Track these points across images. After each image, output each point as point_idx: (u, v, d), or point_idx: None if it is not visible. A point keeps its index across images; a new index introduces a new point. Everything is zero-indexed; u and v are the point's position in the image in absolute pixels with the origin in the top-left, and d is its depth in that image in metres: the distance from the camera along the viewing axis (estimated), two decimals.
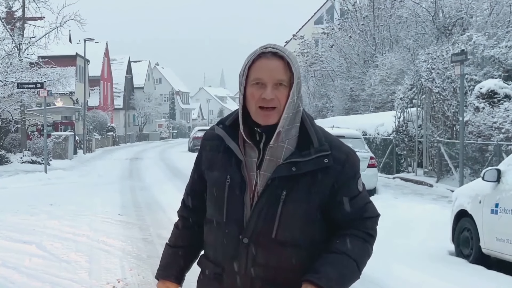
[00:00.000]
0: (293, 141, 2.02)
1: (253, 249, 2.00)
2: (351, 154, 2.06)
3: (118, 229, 10.02)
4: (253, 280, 2.02)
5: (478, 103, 15.91)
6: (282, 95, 1.98)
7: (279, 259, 2.00)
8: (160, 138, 70.28)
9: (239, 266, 2.02)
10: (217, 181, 2.07)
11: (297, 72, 2.01)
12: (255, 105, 1.99)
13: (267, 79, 1.97)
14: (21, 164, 24.58)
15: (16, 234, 9.46)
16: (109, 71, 60.03)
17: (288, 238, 1.99)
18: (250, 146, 2.04)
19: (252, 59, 2.01)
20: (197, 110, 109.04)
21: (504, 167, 7.41)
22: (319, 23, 48.57)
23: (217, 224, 2.07)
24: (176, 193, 14.59)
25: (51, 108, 32.08)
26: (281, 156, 2.00)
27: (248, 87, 2.00)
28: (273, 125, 1.99)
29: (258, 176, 2.02)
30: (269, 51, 2.00)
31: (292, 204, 1.98)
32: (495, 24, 23.03)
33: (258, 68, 1.99)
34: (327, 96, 35.87)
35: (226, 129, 2.08)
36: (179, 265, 2.25)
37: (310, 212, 2.00)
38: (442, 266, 7.42)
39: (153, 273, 6.72)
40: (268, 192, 1.99)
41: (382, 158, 20.94)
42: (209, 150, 2.15)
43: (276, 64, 1.98)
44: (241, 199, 2.02)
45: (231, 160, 2.05)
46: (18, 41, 27.97)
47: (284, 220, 1.98)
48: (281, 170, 1.98)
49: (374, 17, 31.82)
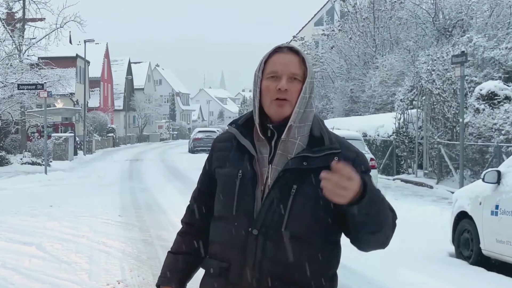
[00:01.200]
0: (304, 139, 2.06)
1: (262, 241, 2.00)
2: (360, 154, 2.12)
3: (118, 231, 10.01)
4: (261, 273, 2.01)
5: (478, 105, 15.91)
6: (295, 89, 2.04)
7: (288, 253, 2.00)
8: (160, 140, 70.28)
9: (248, 258, 2.01)
10: (229, 176, 2.09)
11: (311, 70, 2.08)
12: (270, 97, 2.05)
13: (282, 71, 2.04)
14: (21, 165, 24.58)
15: (16, 235, 9.45)
16: (109, 72, 60.05)
17: (297, 232, 2.00)
18: (262, 144, 2.08)
19: (268, 54, 2.09)
20: (197, 112, 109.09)
21: (504, 168, 7.41)
22: (319, 25, 48.60)
23: (226, 219, 2.07)
24: (176, 194, 14.60)
25: (51, 109, 32.10)
26: (293, 151, 2.05)
27: (264, 80, 2.07)
28: (285, 121, 2.04)
29: (270, 171, 2.05)
30: (285, 47, 2.10)
31: (303, 198, 2.00)
32: (495, 26, 23.05)
33: (274, 62, 2.07)
34: (327, 98, 35.87)
35: (239, 127, 2.13)
36: (181, 271, 2.23)
37: (320, 207, 2.01)
38: (442, 268, 7.43)
39: (153, 275, 6.76)
40: (279, 184, 2.02)
41: (382, 159, 20.95)
42: (220, 151, 2.18)
43: (292, 58, 2.06)
44: (252, 193, 2.04)
45: (243, 156, 2.08)
46: (19, 42, 28.00)
47: (294, 214, 2.00)
48: (293, 163, 2.02)
49: (374, 18, 31.83)
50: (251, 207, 2.03)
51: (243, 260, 2.02)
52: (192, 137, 42.26)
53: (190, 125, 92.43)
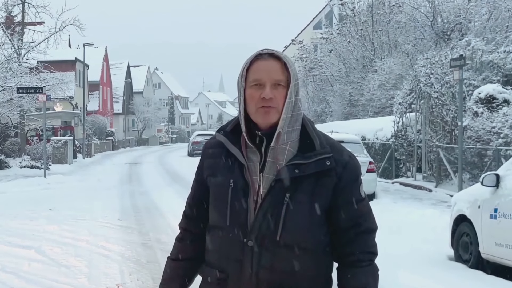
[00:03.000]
0: (294, 144, 2.03)
1: (258, 252, 1.99)
2: (352, 158, 2.09)
3: (117, 234, 10.02)
4: (258, 284, 2.01)
5: (477, 108, 15.93)
6: (280, 95, 2.00)
7: (284, 262, 1.99)
8: (160, 143, 70.22)
9: (244, 269, 2.01)
10: (220, 186, 2.06)
11: (294, 73, 2.03)
12: (255, 106, 2.00)
13: (265, 79, 1.99)
14: (20, 169, 24.59)
15: (16, 238, 9.46)
16: (108, 76, 60.03)
17: (292, 240, 1.99)
18: (252, 151, 2.05)
19: (249, 61, 2.03)
20: (196, 115, 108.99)
21: (503, 172, 7.43)
22: (318, 28, 48.65)
23: (221, 229, 2.06)
24: (175, 197, 14.59)
25: (51, 113, 32.10)
26: (283, 158, 2.01)
27: (247, 89, 2.02)
28: (273, 128, 2.01)
29: (261, 179, 2.02)
30: (266, 53, 2.03)
31: (296, 206, 1.99)
32: (494, 29, 23.09)
33: (256, 70, 2.01)
34: (326, 101, 35.91)
35: (227, 135, 2.09)
36: (182, 278, 2.23)
37: (314, 214, 2.00)
38: (441, 271, 7.43)
39: (152, 278, 6.77)
40: (272, 194, 2.00)
41: (381, 163, 20.95)
42: (210, 158, 2.15)
43: (273, 64, 2.01)
44: (245, 203, 2.02)
45: (233, 165, 2.06)
46: (18, 46, 28.00)
47: (288, 222, 1.98)
48: (284, 172, 1.99)
49: (372, 22, 31.88)
50: (244, 218, 2.01)
51: (240, 271, 2.02)
52: (191, 141, 42.32)
53: (189, 128, 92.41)
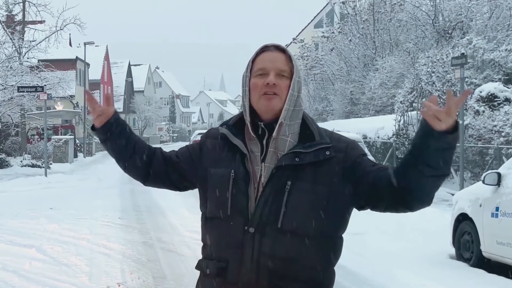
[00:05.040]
0: (295, 136, 2.09)
1: (259, 238, 2.01)
2: (351, 141, 2.14)
3: (118, 233, 10.02)
4: (259, 271, 2.01)
5: (478, 107, 15.92)
6: (284, 84, 2.08)
7: (285, 249, 2.01)
8: (160, 142, 70.23)
9: (245, 256, 2.02)
10: (221, 176, 2.10)
11: (297, 69, 2.12)
12: (258, 93, 2.07)
13: (270, 67, 2.08)
14: (21, 168, 24.61)
15: (16, 237, 9.46)
16: (109, 74, 60.08)
17: (293, 227, 2.00)
18: (254, 143, 2.11)
19: (256, 53, 2.14)
20: (197, 114, 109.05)
21: (504, 170, 7.42)
22: (319, 27, 48.66)
23: (221, 219, 2.08)
24: (176, 196, 14.53)
25: (51, 112, 32.10)
26: (285, 148, 2.07)
27: (252, 79, 2.10)
28: (275, 119, 2.07)
29: (263, 169, 2.07)
30: (272, 45, 2.14)
31: (298, 194, 2.02)
32: (495, 28, 23.06)
33: (261, 59, 2.11)
34: (327, 100, 35.90)
35: (230, 128, 2.16)
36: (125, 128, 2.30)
37: (316, 202, 2.02)
38: (443, 270, 7.42)
39: (153, 277, 6.77)
40: (272, 182, 2.04)
41: (383, 161, 20.91)
42: (212, 148, 2.19)
43: (278, 55, 2.11)
44: (246, 192, 2.05)
45: (235, 155, 2.11)
46: (18, 44, 28.02)
47: (290, 210, 2.01)
48: (285, 159, 2.04)
49: (374, 20, 31.86)
50: (245, 206, 2.04)
51: (240, 258, 2.03)
52: (192, 139, 42.25)
53: (190, 127, 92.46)
